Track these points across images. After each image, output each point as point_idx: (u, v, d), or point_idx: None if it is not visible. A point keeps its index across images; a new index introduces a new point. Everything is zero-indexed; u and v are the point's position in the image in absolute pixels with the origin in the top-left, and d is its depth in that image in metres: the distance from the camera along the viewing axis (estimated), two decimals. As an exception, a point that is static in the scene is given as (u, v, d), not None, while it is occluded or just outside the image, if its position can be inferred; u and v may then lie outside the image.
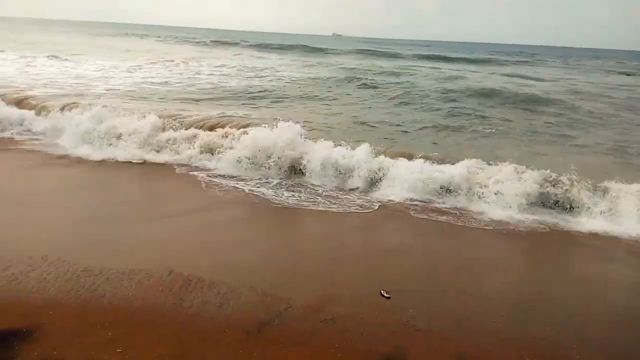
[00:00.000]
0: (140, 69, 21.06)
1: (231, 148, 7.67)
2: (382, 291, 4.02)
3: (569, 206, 6.39)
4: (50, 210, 5.48)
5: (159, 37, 58.92)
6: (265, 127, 7.85)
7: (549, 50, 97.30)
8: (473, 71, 28.86)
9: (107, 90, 14.33)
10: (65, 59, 22.25)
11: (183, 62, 24.93)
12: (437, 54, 46.99)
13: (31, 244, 4.49)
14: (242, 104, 12.95)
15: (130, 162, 7.58)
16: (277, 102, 13.96)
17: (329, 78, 19.87)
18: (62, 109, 9.64)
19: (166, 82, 16.89)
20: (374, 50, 46.75)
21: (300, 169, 7.33)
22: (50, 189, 6.28)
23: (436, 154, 7.94)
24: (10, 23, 78.82)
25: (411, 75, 23.04)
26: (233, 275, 4.13)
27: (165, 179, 7.03)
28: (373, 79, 19.76)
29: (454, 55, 47.33)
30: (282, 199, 6.31)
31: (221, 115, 10.35)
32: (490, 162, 7.26)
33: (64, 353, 3.02)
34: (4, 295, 3.62)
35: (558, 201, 6.49)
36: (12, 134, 8.92)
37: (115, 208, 5.71)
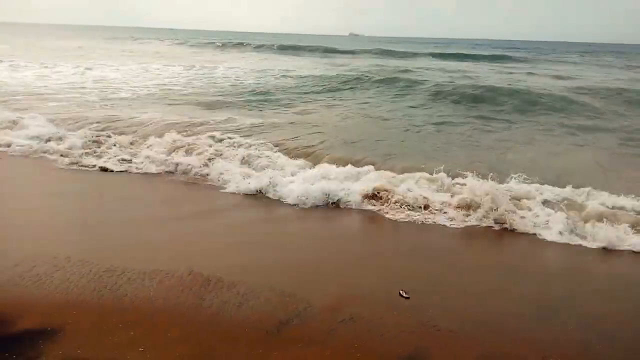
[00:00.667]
0: (160, 71, 21.46)
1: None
2: (401, 291, 3.99)
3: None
4: (71, 214, 5.58)
5: (175, 39, 59.77)
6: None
7: (567, 46, 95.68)
8: (492, 69, 28.54)
9: (132, 93, 14.66)
10: (85, 63, 22.76)
11: (200, 64, 25.28)
12: (453, 52, 46.64)
13: (55, 245, 4.57)
14: (261, 109, 13.07)
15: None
16: (290, 105, 14.06)
17: (342, 78, 19.84)
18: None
19: (187, 84, 17.21)
20: (391, 50, 46.57)
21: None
22: (69, 193, 6.38)
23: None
24: (10, 28, 79.90)
25: (425, 75, 22.88)
26: (252, 276, 4.14)
27: (177, 185, 7.03)
28: (389, 78, 19.69)
29: (473, 52, 47.01)
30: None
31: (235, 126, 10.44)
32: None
33: (87, 352, 3.06)
34: (29, 295, 3.70)
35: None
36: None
37: (134, 211, 5.77)
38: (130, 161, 7.64)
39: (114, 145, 8.31)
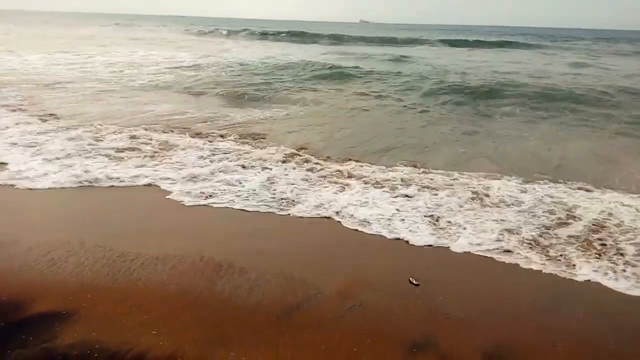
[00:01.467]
0: (172, 59, 21.52)
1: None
2: (410, 278, 4.02)
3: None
4: (82, 203, 5.63)
5: (180, 26, 59.66)
6: None
7: (581, 33, 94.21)
8: (503, 57, 28.19)
9: (148, 81, 14.84)
10: (95, 51, 22.83)
11: (208, 52, 25.31)
12: (464, 39, 46.14)
13: (69, 231, 4.63)
14: (266, 100, 13.07)
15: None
16: (296, 94, 13.98)
17: (349, 66, 19.68)
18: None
19: (199, 71, 17.28)
20: (401, 38, 46.19)
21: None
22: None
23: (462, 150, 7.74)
24: (13, 16, 79.04)
25: (433, 64, 22.66)
26: (262, 262, 4.19)
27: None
28: (395, 66, 19.54)
29: (484, 39, 46.53)
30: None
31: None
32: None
33: (101, 335, 3.13)
34: (44, 279, 3.77)
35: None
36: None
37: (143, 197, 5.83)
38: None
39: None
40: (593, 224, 5.20)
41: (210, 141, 8.07)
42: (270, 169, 6.72)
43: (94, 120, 9.30)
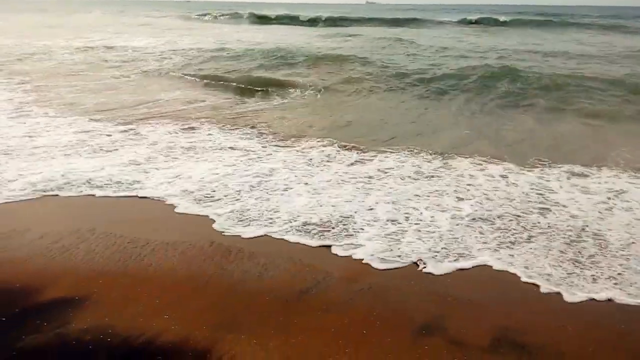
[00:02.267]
0: (178, 44, 21.38)
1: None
2: (418, 261, 4.03)
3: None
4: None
5: (177, 11, 59.24)
6: None
7: (587, 10, 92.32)
8: (517, 38, 27.77)
9: (158, 66, 14.89)
10: (98, 36, 22.75)
11: (209, 38, 25.14)
12: (480, 17, 45.30)
13: (79, 219, 4.69)
14: (269, 87, 12.93)
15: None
16: (298, 77, 13.87)
17: (355, 49, 19.46)
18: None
19: (197, 56, 17.17)
20: (403, 19, 45.57)
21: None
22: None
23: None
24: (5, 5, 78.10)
25: (436, 46, 22.39)
26: (271, 246, 4.22)
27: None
28: (399, 49, 19.30)
29: (493, 16, 45.68)
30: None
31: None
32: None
33: (114, 320, 3.18)
34: (56, 266, 3.82)
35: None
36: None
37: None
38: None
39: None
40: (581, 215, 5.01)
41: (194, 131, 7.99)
42: (281, 159, 6.63)
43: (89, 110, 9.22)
